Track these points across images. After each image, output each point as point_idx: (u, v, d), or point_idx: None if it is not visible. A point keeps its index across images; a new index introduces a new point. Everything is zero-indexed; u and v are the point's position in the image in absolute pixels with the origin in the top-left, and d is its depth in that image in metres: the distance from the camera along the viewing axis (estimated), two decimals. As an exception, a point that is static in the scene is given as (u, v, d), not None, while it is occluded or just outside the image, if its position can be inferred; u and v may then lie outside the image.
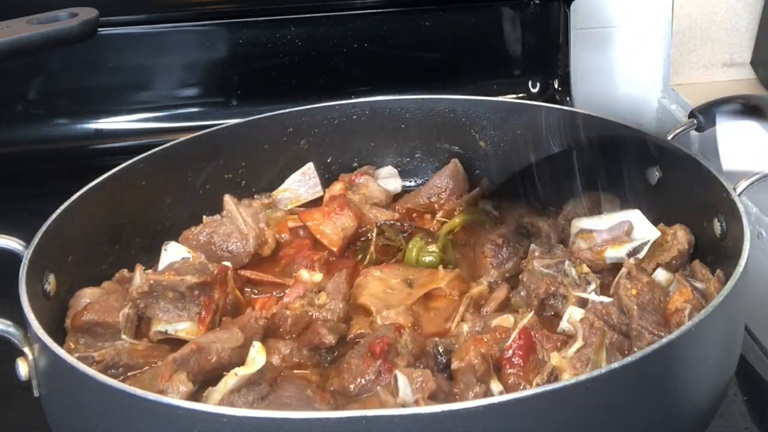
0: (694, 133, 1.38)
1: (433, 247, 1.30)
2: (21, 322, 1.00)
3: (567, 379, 0.90)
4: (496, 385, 1.00)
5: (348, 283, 1.21)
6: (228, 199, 1.34)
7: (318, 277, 1.20)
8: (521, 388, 0.99)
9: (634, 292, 1.09)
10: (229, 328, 1.07)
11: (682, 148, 1.25)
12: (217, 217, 1.33)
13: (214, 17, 1.75)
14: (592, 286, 1.16)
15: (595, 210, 1.33)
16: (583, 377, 0.84)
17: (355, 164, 1.53)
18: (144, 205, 1.33)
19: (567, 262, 1.18)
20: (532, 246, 1.23)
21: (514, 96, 1.84)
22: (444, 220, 1.40)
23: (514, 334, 1.03)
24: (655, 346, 0.87)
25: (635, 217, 1.25)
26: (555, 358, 0.95)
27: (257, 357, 0.97)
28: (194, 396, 0.97)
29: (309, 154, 1.49)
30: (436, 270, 1.25)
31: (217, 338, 1.04)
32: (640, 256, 1.21)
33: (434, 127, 1.51)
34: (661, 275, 1.16)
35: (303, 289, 1.16)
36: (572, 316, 1.09)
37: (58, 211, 1.17)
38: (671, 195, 1.28)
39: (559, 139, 1.43)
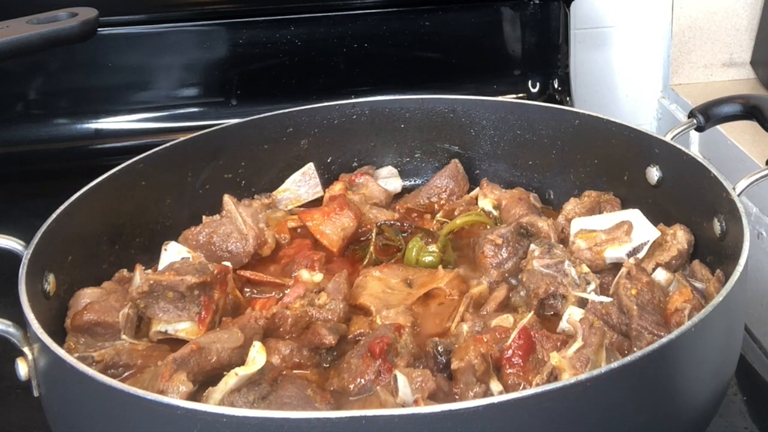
0: (694, 132, 1.38)
1: (433, 247, 1.30)
2: (21, 322, 1.00)
3: (567, 379, 0.90)
4: (495, 385, 1.00)
5: (348, 283, 1.21)
6: (228, 199, 1.33)
7: (318, 277, 1.20)
8: (521, 388, 0.99)
9: (633, 292, 1.09)
10: (229, 328, 1.07)
11: (682, 148, 1.25)
12: (217, 217, 1.33)
13: (214, 17, 1.75)
14: (592, 286, 1.16)
15: (595, 210, 1.33)
16: (582, 377, 0.84)
17: (355, 164, 1.52)
18: (144, 205, 1.33)
19: (567, 262, 1.18)
20: (532, 246, 1.23)
21: (514, 96, 1.84)
22: (444, 220, 1.40)
23: (514, 334, 1.03)
24: (655, 346, 0.87)
25: (635, 217, 1.25)
26: (555, 358, 0.95)
27: (257, 357, 0.97)
28: (194, 396, 0.96)
29: (309, 154, 1.49)
30: (436, 270, 1.25)
31: (217, 338, 1.04)
32: (640, 256, 1.21)
33: (434, 127, 1.51)
34: (661, 275, 1.16)
35: (303, 289, 1.16)
36: (572, 316, 1.08)
37: (58, 211, 1.17)
38: (671, 195, 1.28)
39: (559, 139, 1.43)
